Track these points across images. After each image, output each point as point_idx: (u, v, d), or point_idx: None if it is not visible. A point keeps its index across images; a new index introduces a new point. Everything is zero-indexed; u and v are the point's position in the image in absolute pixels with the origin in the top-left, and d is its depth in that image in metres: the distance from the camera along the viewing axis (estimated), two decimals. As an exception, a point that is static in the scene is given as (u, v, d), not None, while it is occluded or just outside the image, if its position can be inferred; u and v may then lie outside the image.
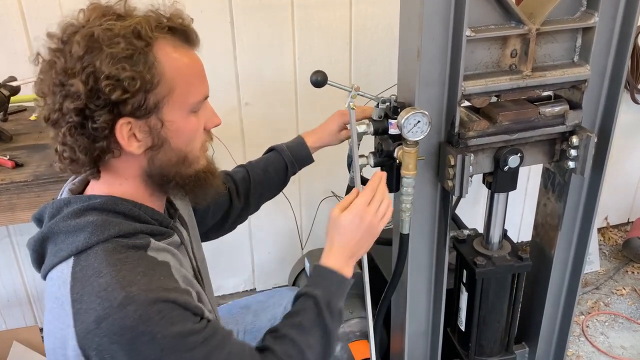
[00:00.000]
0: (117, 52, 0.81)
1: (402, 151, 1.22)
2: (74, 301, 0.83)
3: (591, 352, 2.13)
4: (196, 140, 0.95)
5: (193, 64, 0.91)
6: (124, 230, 0.88)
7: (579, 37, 1.27)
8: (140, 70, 0.82)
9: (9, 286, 2.10)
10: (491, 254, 1.50)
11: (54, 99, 0.84)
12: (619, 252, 2.70)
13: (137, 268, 0.84)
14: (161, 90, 0.86)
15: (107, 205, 0.89)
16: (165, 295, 0.83)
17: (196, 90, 0.92)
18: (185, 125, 0.91)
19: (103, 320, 0.79)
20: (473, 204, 2.48)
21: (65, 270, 0.86)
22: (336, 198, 2.22)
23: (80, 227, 0.86)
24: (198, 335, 0.85)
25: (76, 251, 0.85)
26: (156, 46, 0.85)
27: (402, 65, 1.28)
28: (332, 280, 1.05)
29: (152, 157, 0.90)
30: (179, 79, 0.88)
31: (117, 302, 0.80)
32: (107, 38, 0.82)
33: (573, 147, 1.32)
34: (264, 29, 1.93)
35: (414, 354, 1.62)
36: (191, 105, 0.91)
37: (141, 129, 0.87)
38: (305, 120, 2.12)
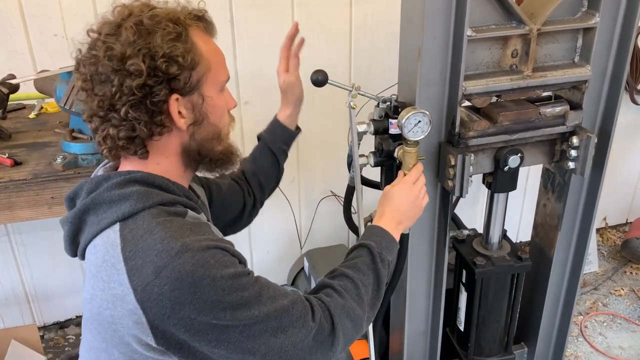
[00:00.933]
0: (166, 33, 0.90)
1: (403, 151, 1.22)
2: (126, 259, 0.86)
3: (589, 352, 2.14)
4: (226, 117, 1.04)
5: (218, 49, 1.01)
6: (165, 199, 0.94)
7: (579, 38, 1.27)
8: (188, 48, 0.91)
9: (7, 285, 2.10)
10: (491, 254, 1.50)
11: (109, 85, 0.89)
12: (618, 252, 2.71)
13: (185, 226, 0.90)
14: (201, 68, 0.94)
15: (147, 179, 0.95)
16: (215, 243, 0.89)
17: (223, 71, 1.01)
18: (218, 101, 1.00)
19: (162, 269, 0.84)
20: (472, 204, 2.48)
21: (111, 234, 0.89)
22: (335, 198, 2.22)
23: (124, 196, 0.91)
24: (248, 277, 0.91)
25: (122, 217, 0.90)
26: (191, 31, 0.94)
27: (402, 65, 1.28)
28: (383, 236, 1.16)
29: (194, 133, 0.98)
30: (213, 59, 0.97)
31: (175, 251, 0.85)
32: (155, 23, 0.90)
33: (573, 147, 1.32)
34: (264, 27, 1.93)
35: (413, 353, 1.62)
36: (221, 84, 1.01)
37: (186, 105, 0.94)
38: (305, 120, 2.11)
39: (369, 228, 1.19)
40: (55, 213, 1.44)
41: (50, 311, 2.22)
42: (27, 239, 2.02)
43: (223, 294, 0.87)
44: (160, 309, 0.85)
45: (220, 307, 0.87)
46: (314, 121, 2.11)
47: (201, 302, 0.85)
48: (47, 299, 2.18)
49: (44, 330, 2.20)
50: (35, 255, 2.06)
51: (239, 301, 0.88)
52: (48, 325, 2.24)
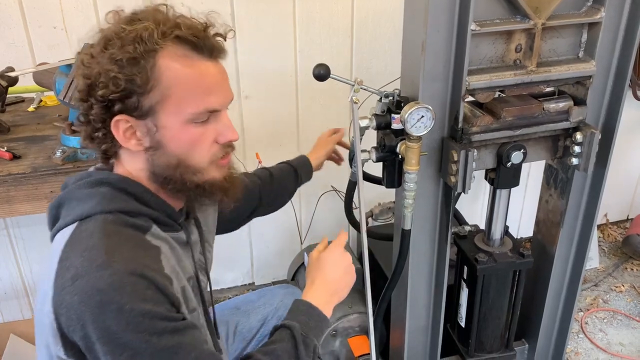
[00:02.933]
0: (116, 53, 0.86)
1: (405, 146, 1.21)
2: (61, 259, 0.85)
3: (590, 348, 2.13)
4: (199, 151, 0.95)
5: (198, 76, 0.91)
6: (128, 207, 0.91)
7: (584, 33, 1.26)
8: (133, 73, 0.86)
9: (6, 279, 2.09)
10: (492, 251, 1.49)
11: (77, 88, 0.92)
12: (619, 249, 2.70)
13: (128, 242, 0.87)
14: (154, 95, 0.88)
15: (121, 183, 0.93)
16: (144, 271, 0.82)
17: (197, 101, 0.91)
18: (182, 134, 0.92)
19: (78, 278, 0.80)
20: (473, 200, 2.47)
21: (66, 233, 0.89)
22: (336, 193, 2.21)
23: (90, 196, 0.91)
24: (168, 323, 0.83)
25: (80, 217, 0.89)
26: (160, 53, 0.88)
27: (405, 59, 1.26)
28: (311, 315, 1.05)
29: (152, 157, 0.93)
30: (176, 88, 0.89)
31: (97, 263, 0.81)
32: (115, 41, 0.87)
33: (577, 143, 1.31)
34: (265, 20, 1.91)
35: (413, 349, 1.61)
36: (189, 115, 0.91)
37: (140, 129, 0.91)
38: (306, 114, 2.10)
39: (295, 304, 1.07)
40: (54, 207, 1.43)
41: (49, 305, 2.21)
42: (26, 233, 2.01)
43: (126, 329, 0.79)
44: (68, 319, 0.81)
45: (119, 342, 0.79)
46: (316, 115, 2.10)
47: (102, 327, 0.79)
48: (46, 293, 2.17)
49: (43, 325, 2.20)
50: (34, 249, 2.05)
51: (142, 345, 0.80)
52: (47, 320, 2.24)
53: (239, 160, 2.05)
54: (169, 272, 0.89)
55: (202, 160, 0.95)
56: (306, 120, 2.11)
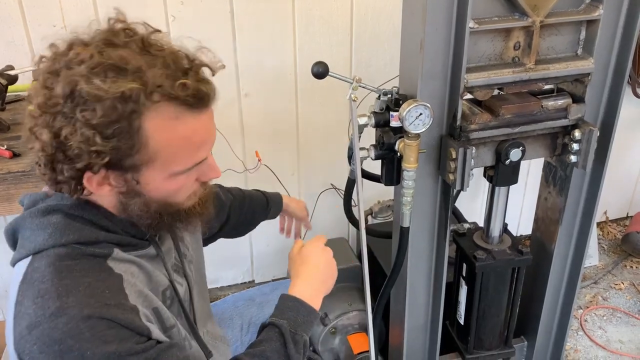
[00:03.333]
0: (92, 118, 0.75)
1: (404, 144, 1.21)
2: (16, 303, 0.81)
3: (589, 346, 2.14)
4: (181, 194, 0.90)
5: (189, 135, 0.83)
6: (84, 237, 0.85)
7: (583, 30, 1.26)
8: (113, 141, 0.77)
9: (7, 276, 2.09)
10: (491, 248, 1.49)
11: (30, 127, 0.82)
12: (618, 246, 2.70)
13: (83, 279, 0.81)
14: (140, 157, 0.80)
15: (74, 210, 0.86)
16: (102, 312, 0.78)
17: (186, 159, 0.85)
18: (165, 186, 0.86)
19: (34, 327, 0.77)
20: (472, 198, 2.48)
21: (22, 268, 0.84)
22: (335, 190, 2.21)
23: (42, 227, 0.85)
24: (139, 356, 0.80)
25: (33, 251, 0.84)
26: (147, 114, 0.77)
27: (404, 57, 1.26)
28: (298, 310, 1.03)
29: (125, 200, 0.87)
30: (165, 150, 0.81)
31: (50, 311, 0.77)
32: (89, 99, 0.75)
33: (575, 141, 1.31)
34: (264, 18, 1.91)
35: (412, 347, 1.61)
36: (176, 171, 0.85)
37: (117, 179, 0.83)
38: (305, 111, 2.10)
39: (282, 300, 1.05)
40: (54, 205, 1.44)
41: (49, 303, 2.22)
42: (27, 231, 2.01)
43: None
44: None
45: None
46: (315, 113, 2.11)
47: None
48: (47, 291, 2.18)
49: (43, 322, 2.21)
50: (35, 247, 2.06)
51: None
52: (48, 317, 2.25)
53: (239, 158, 2.06)
54: (133, 301, 0.84)
55: (182, 200, 0.91)
56: (305, 118, 2.11)
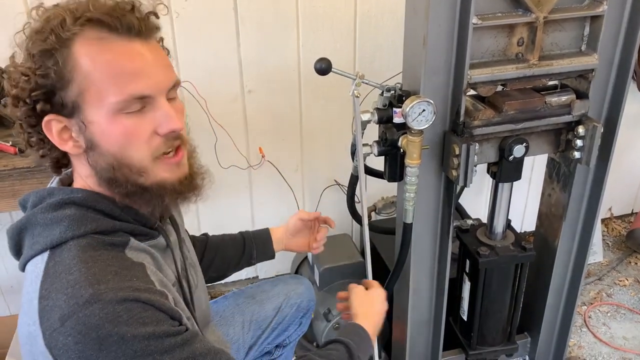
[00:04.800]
0: (31, 48, 0.81)
1: (407, 140, 1.21)
2: (41, 298, 0.79)
3: (593, 342, 2.13)
4: (136, 146, 0.85)
5: (116, 59, 0.82)
6: (101, 226, 0.85)
7: (587, 26, 1.25)
8: (47, 67, 0.80)
9: (12, 271, 2.11)
10: (494, 244, 1.49)
11: None
12: (623, 243, 2.69)
13: (109, 267, 0.81)
14: (74, 88, 0.81)
15: (87, 201, 0.86)
16: (136, 295, 0.78)
17: (120, 88, 0.81)
18: (112, 128, 0.83)
19: (67, 318, 0.76)
20: (476, 194, 2.47)
21: (39, 264, 0.83)
22: (339, 187, 2.21)
23: (57, 220, 0.84)
24: (176, 338, 0.80)
25: (51, 245, 0.83)
26: (75, 40, 0.81)
27: (407, 53, 1.26)
28: (363, 338, 1.16)
29: (91, 160, 0.86)
30: (93, 76, 0.81)
31: (83, 299, 0.76)
32: (31, 34, 0.82)
33: (579, 137, 1.30)
34: (268, 14, 1.91)
35: (415, 342, 1.62)
36: (114, 105, 0.82)
37: (74, 128, 0.84)
38: (309, 108, 2.10)
39: (353, 325, 1.19)
40: (59, 201, 1.44)
41: (55, 298, 2.23)
42: (32, 226, 2.03)
43: (135, 357, 0.76)
44: (68, 359, 0.76)
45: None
46: (318, 109, 2.11)
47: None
48: (52, 287, 2.19)
49: (49, 318, 2.22)
50: (40, 243, 2.07)
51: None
52: (53, 313, 2.26)
53: (242, 154, 2.07)
54: (160, 287, 0.85)
55: (142, 157, 0.86)
56: (309, 114, 2.12)
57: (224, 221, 2.19)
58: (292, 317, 1.45)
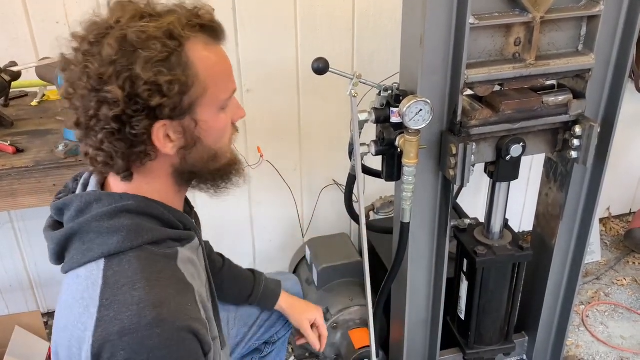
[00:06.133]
0: (153, 55, 0.80)
1: (404, 140, 1.21)
2: (101, 306, 0.81)
3: (590, 341, 2.14)
4: (225, 136, 0.95)
5: (222, 61, 0.90)
6: (156, 237, 0.88)
7: (583, 26, 1.26)
8: (177, 73, 0.82)
9: (11, 271, 2.11)
10: (492, 244, 1.50)
11: (87, 104, 0.83)
12: (621, 242, 2.70)
13: (169, 288, 0.84)
14: (195, 91, 0.85)
15: (141, 209, 0.88)
16: (189, 325, 0.83)
17: (225, 87, 0.91)
18: (216, 123, 0.91)
19: (128, 334, 0.78)
20: (475, 193, 2.47)
21: (95, 271, 0.84)
22: (338, 186, 2.22)
23: (114, 230, 0.85)
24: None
25: (108, 254, 0.84)
26: (188, 46, 0.84)
27: (404, 53, 1.27)
28: None
29: (185, 156, 0.90)
30: (211, 78, 0.87)
31: (147, 320, 0.79)
32: (142, 40, 0.80)
33: (576, 136, 1.31)
34: (267, 14, 1.91)
35: (413, 342, 1.62)
36: (221, 103, 0.91)
37: (175, 129, 0.86)
38: (308, 107, 2.11)
39: None
40: (57, 201, 1.44)
41: (54, 298, 2.23)
42: (31, 226, 2.02)
43: None
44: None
45: None
46: (317, 109, 2.11)
47: None
48: (51, 286, 2.19)
49: (48, 317, 2.22)
50: (39, 242, 2.07)
51: None
52: (52, 312, 2.26)
53: (241, 154, 2.06)
54: (204, 316, 0.90)
55: (227, 146, 0.96)
56: (308, 113, 2.12)
57: (222, 221, 2.19)
58: (278, 314, 1.45)
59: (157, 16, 0.84)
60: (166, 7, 0.87)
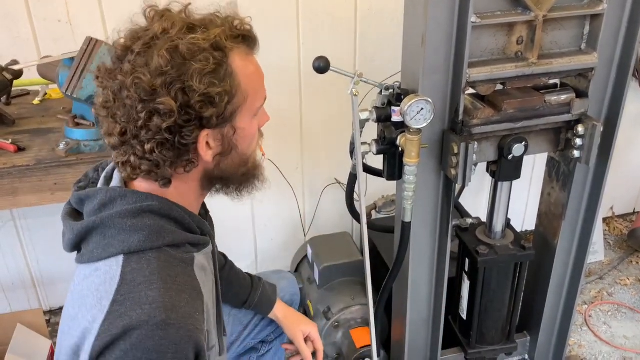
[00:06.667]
0: (204, 67, 0.82)
1: (405, 139, 1.21)
2: (115, 301, 0.82)
3: (593, 341, 2.13)
4: (255, 142, 0.98)
5: (258, 71, 0.94)
6: (176, 240, 0.89)
7: (586, 24, 1.25)
8: (226, 84, 0.85)
9: (13, 269, 2.11)
10: (494, 243, 1.49)
11: (133, 114, 0.83)
12: (624, 242, 2.69)
13: (183, 294, 0.85)
14: (238, 100, 0.88)
15: (164, 210, 0.89)
16: (191, 336, 0.83)
17: (260, 95, 0.94)
18: (250, 130, 0.94)
19: (132, 330, 0.79)
20: (477, 192, 2.47)
21: (114, 267, 0.85)
22: (340, 185, 2.21)
23: (137, 229, 0.86)
24: None
25: (128, 251, 0.85)
26: (231, 57, 0.87)
27: (406, 52, 1.26)
28: None
29: (220, 162, 0.92)
30: (250, 87, 0.90)
31: (154, 321, 0.79)
32: (192, 52, 0.82)
33: (578, 136, 1.30)
34: (268, 13, 1.91)
35: (414, 341, 1.62)
36: (256, 110, 0.94)
37: (215, 137, 0.89)
38: (309, 106, 2.10)
39: None
40: (58, 199, 1.44)
41: (56, 295, 2.24)
42: (33, 224, 2.03)
43: None
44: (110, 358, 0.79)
45: None
46: (319, 108, 2.10)
47: None
48: (53, 284, 2.19)
49: (50, 315, 2.22)
50: (41, 240, 2.07)
51: None
52: (54, 310, 2.26)
53: (243, 152, 2.06)
54: (207, 326, 0.91)
55: (255, 151, 0.99)
56: (309, 112, 2.11)
57: (224, 220, 2.18)
58: None
59: (203, 27, 0.86)
60: (205, 17, 0.89)
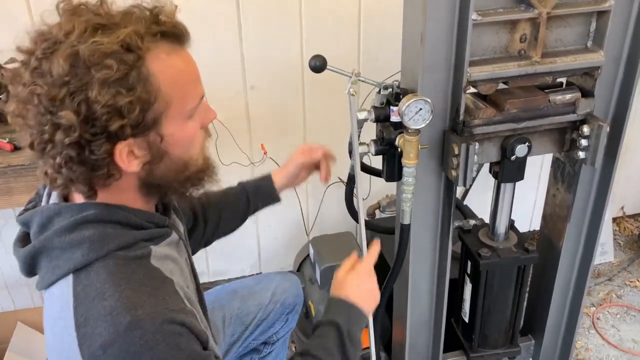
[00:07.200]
0: (109, 75, 0.73)
1: (404, 139, 1.18)
2: (78, 325, 0.78)
3: (601, 345, 2.09)
4: (195, 144, 0.90)
5: (187, 68, 0.84)
6: (123, 242, 0.83)
7: (593, 21, 1.21)
8: (137, 92, 0.76)
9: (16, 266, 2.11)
10: (496, 246, 1.46)
11: (40, 127, 0.77)
12: (635, 242, 2.64)
13: (143, 287, 0.80)
14: (158, 106, 0.79)
15: (102, 216, 0.84)
16: (172, 317, 0.79)
17: (192, 95, 0.85)
18: (183, 134, 0.85)
19: (109, 346, 0.76)
20: (483, 193, 2.43)
21: (65, 289, 0.81)
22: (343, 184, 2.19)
23: (76, 244, 0.81)
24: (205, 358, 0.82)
25: (75, 268, 0.81)
26: (148, 58, 0.78)
27: (405, 50, 1.23)
28: (350, 310, 1.10)
29: (152, 170, 0.86)
30: (176, 90, 0.81)
31: (123, 327, 0.76)
32: (95, 58, 0.73)
33: (584, 136, 1.26)
34: (271, 10, 1.89)
35: (415, 344, 1.59)
36: (188, 112, 0.85)
37: (140, 145, 0.81)
38: (312, 104, 2.08)
39: (332, 300, 1.11)
40: (55, 198, 1.44)
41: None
42: (35, 222, 2.03)
43: None
44: None
45: None
46: (321, 106, 2.08)
47: None
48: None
49: (53, 312, 2.24)
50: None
51: None
52: (57, 307, 2.27)
53: (244, 152, 2.05)
54: (189, 305, 0.85)
55: (197, 153, 0.90)
56: (312, 110, 2.09)
57: (227, 218, 2.17)
58: (277, 314, 1.43)
59: (111, 26, 0.76)
60: (122, 11, 0.80)
